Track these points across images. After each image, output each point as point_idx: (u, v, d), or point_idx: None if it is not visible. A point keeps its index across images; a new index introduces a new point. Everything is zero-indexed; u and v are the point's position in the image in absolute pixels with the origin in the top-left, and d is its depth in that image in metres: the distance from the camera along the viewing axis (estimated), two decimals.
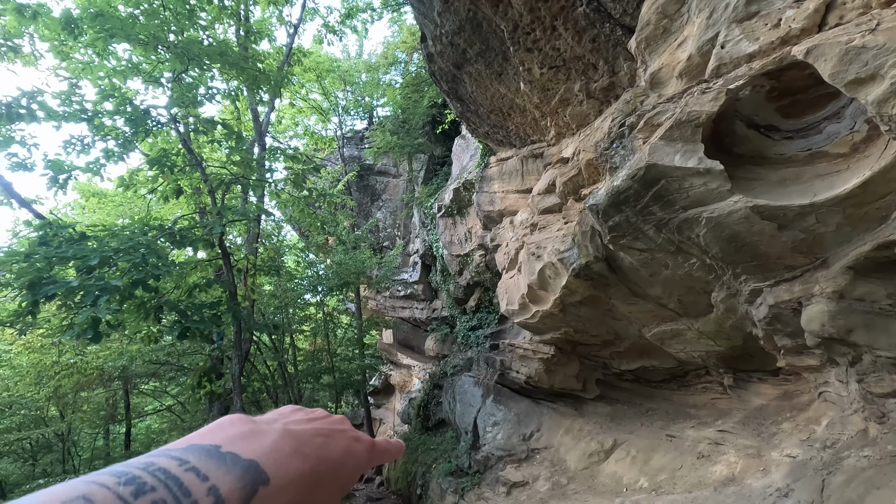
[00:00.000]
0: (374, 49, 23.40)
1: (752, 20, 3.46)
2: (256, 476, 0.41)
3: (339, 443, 0.54)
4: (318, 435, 0.52)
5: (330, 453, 0.52)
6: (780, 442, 4.85)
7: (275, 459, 0.44)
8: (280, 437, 0.47)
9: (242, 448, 0.43)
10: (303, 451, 0.48)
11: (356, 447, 0.57)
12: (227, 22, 9.49)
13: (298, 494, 0.46)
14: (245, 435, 0.45)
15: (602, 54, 5.64)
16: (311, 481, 0.47)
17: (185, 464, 0.38)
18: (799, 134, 3.48)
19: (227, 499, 0.37)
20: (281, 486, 0.43)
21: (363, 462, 0.58)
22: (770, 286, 4.12)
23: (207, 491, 0.37)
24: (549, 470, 7.27)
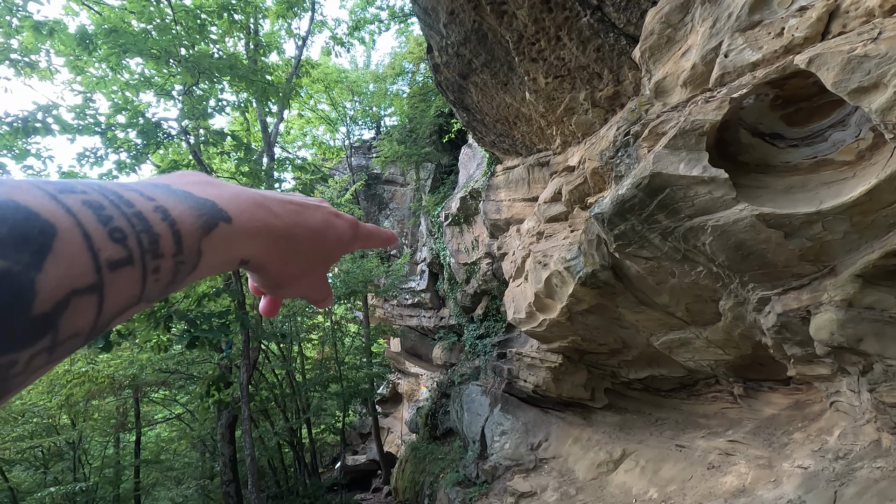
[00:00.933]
0: (381, 60, 23.69)
1: (756, 29, 3.48)
2: (215, 212, 0.36)
3: (315, 214, 0.49)
4: (291, 203, 0.47)
5: (306, 220, 0.47)
6: (792, 452, 4.78)
7: (237, 205, 0.39)
8: (244, 191, 0.42)
9: (197, 190, 0.37)
10: (271, 207, 0.43)
11: (337, 221, 0.52)
12: (237, 35, 9.67)
13: (270, 250, 0.42)
14: (201, 182, 0.40)
15: (607, 63, 5.67)
16: (283, 239, 0.44)
17: (126, 187, 0.33)
18: (804, 142, 3.47)
19: (180, 221, 0.33)
20: (246, 230, 0.39)
21: (346, 237, 0.53)
22: (778, 294, 4.09)
23: (154, 208, 0.32)
24: (558, 480, 7.21)
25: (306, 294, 0.52)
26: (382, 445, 15.69)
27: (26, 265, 0.24)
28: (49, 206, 0.26)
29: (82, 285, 0.27)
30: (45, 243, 0.25)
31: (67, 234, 0.26)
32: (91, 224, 0.28)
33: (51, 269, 0.25)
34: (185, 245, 0.33)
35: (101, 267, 0.27)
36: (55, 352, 0.27)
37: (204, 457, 15.51)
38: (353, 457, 18.00)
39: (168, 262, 0.32)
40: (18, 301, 0.24)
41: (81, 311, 0.27)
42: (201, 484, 13.83)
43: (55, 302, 0.25)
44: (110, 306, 0.29)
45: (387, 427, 17.66)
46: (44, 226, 0.25)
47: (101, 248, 0.28)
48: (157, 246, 0.31)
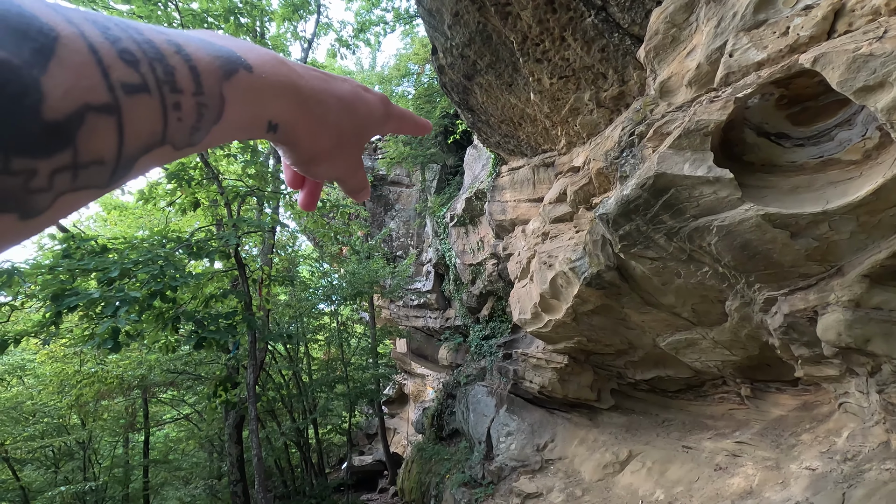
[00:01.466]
0: (386, 61, 23.81)
1: (761, 28, 3.46)
2: (233, 56, 0.34)
3: (342, 84, 0.46)
4: (315, 70, 0.44)
5: (333, 88, 0.44)
6: (800, 454, 4.75)
7: (256, 55, 0.36)
8: (266, 51, 0.39)
9: (215, 39, 0.35)
10: (294, 68, 0.40)
11: (366, 94, 0.49)
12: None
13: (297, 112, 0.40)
14: (220, 35, 0.37)
15: (611, 64, 5.66)
16: (311, 104, 0.41)
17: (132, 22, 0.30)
18: (810, 141, 3.46)
19: (196, 58, 0.30)
20: (269, 83, 0.36)
21: (378, 114, 0.50)
22: (784, 295, 4.07)
23: (167, 40, 0.29)
24: (564, 481, 7.19)
25: (341, 175, 0.49)
26: (389, 446, 15.72)
27: (27, 62, 0.22)
28: (48, 13, 0.24)
29: (96, 101, 0.25)
30: (46, 45, 0.23)
31: (71, 41, 0.24)
32: (97, 38, 0.25)
33: (57, 72, 0.23)
34: (204, 84, 0.30)
35: (113, 86, 0.25)
36: (79, 175, 0.25)
37: (212, 457, 15.63)
38: (360, 457, 18.04)
39: (189, 101, 0.29)
40: (24, 97, 0.22)
41: (100, 132, 0.25)
42: (209, 484, 13.94)
43: (68, 112, 0.24)
44: (132, 136, 0.27)
45: (393, 428, 17.70)
46: (43, 27, 0.23)
47: (111, 66, 0.25)
48: (174, 78, 0.28)
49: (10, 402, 12.06)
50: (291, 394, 13.59)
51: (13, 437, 11.51)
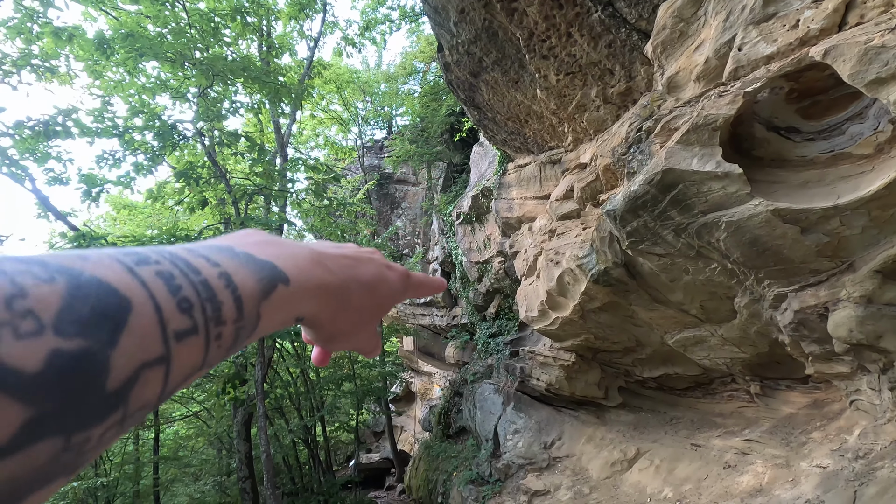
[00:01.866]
0: (392, 60, 23.80)
1: (770, 22, 3.42)
2: (274, 274, 0.37)
3: (368, 267, 0.50)
4: (346, 257, 0.48)
5: (359, 274, 0.48)
6: (810, 452, 4.70)
7: (294, 264, 0.40)
8: (301, 250, 0.43)
9: (257, 251, 0.39)
10: (326, 264, 0.44)
11: (389, 273, 0.53)
12: (250, 38, 9.79)
13: (324, 306, 0.43)
14: (261, 243, 0.41)
15: (618, 59, 5.62)
16: (337, 296, 0.44)
17: (194, 252, 0.34)
18: (821, 135, 3.42)
19: (242, 287, 0.34)
20: (302, 290, 0.40)
21: (398, 290, 0.54)
22: (795, 291, 4.03)
23: (219, 275, 0.33)
24: (571, 479, 7.18)
25: (357, 346, 0.53)
26: (396, 444, 15.76)
27: (104, 343, 0.25)
28: (126, 280, 0.28)
29: (151, 357, 0.28)
30: (121, 319, 0.26)
31: (141, 307, 0.27)
32: (162, 295, 0.29)
33: (125, 343, 0.26)
34: (245, 311, 0.34)
35: (168, 338, 0.28)
36: (125, 423, 0.28)
37: (221, 454, 15.76)
38: (367, 455, 18.12)
39: (229, 328, 0.33)
40: (95, 380, 0.25)
41: (150, 382, 0.28)
42: (218, 480, 14.05)
43: (126, 377, 0.26)
44: (176, 375, 0.30)
45: (400, 426, 17.75)
46: (121, 301, 0.27)
47: (170, 319, 0.29)
48: (220, 313, 0.32)
49: None
50: (299, 391, 13.66)
51: None
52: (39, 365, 0.23)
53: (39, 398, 0.22)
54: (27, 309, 0.23)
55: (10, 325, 0.22)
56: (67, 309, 0.24)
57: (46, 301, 0.24)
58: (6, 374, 0.22)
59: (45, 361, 0.23)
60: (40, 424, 0.23)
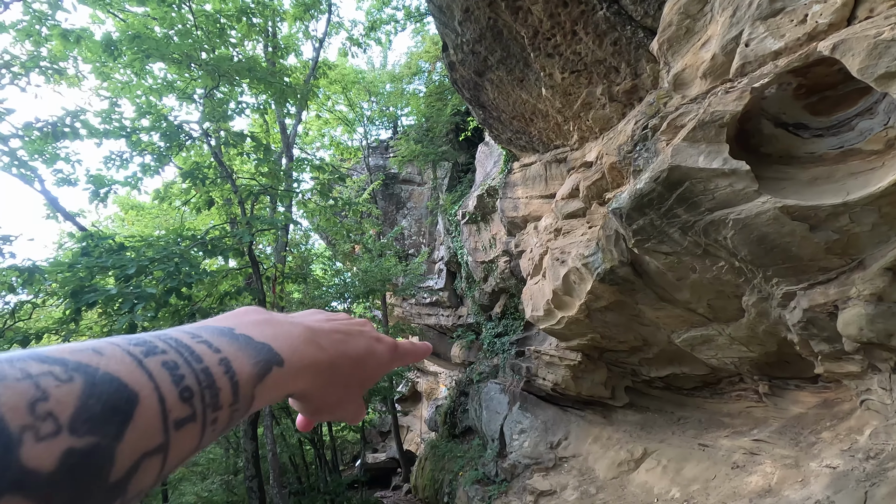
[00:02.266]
0: (397, 59, 23.82)
1: (777, 17, 3.39)
2: (270, 356, 0.40)
3: (358, 342, 0.53)
4: (337, 332, 0.51)
5: (349, 349, 0.51)
6: (820, 452, 4.65)
7: (289, 345, 0.43)
8: (295, 328, 0.46)
9: (255, 332, 0.41)
10: (319, 342, 0.47)
11: (377, 347, 0.56)
12: (256, 38, 9.83)
13: (314, 382, 0.45)
14: (259, 322, 0.43)
15: (624, 57, 5.59)
16: (327, 371, 0.47)
17: (197, 337, 0.36)
18: (830, 131, 3.37)
19: (239, 372, 0.36)
20: (296, 370, 0.42)
21: (385, 362, 0.57)
22: (804, 289, 3.98)
23: (219, 361, 0.35)
24: (578, 479, 7.15)
25: (342, 417, 0.55)
26: (402, 443, 15.77)
27: (111, 437, 0.26)
28: (135, 375, 0.29)
29: (152, 447, 0.29)
30: (128, 412, 0.28)
31: (146, 399, 0.29)
32: (166, 387, 0.30)
33: (130, 436, 0.27)
34: (241, 394, 0.36)
35: (168, 427, 0.30)
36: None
37: (228, 453, 15.84)
38: (374, 455, 18.14)
39: (225, 413, 0.35)
40: (100, 473, 0.26)
41: (149, 470, 0.29)
42: (225, 479, 14.13)
43: (128, 468, 0.27)
44: (172, 461, 0.31)
45: (406, 425, 17.75)
46: (130, 396, 0.28)
47: (172, 409, 0.30)
48: (218, 399, 0.34)
49: None
50: None
51: None
52: (54, 465, 0.24)
53: (50, 496, 0.24)
54: (47, 412, 0.25)
55: (33, 429, 0.24)
56: (83, 408, 0.26)
57: (65, 402, 0.26)
58: (26, 476, 0.23)
59: (59, 461, 0.24)
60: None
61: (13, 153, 6.53)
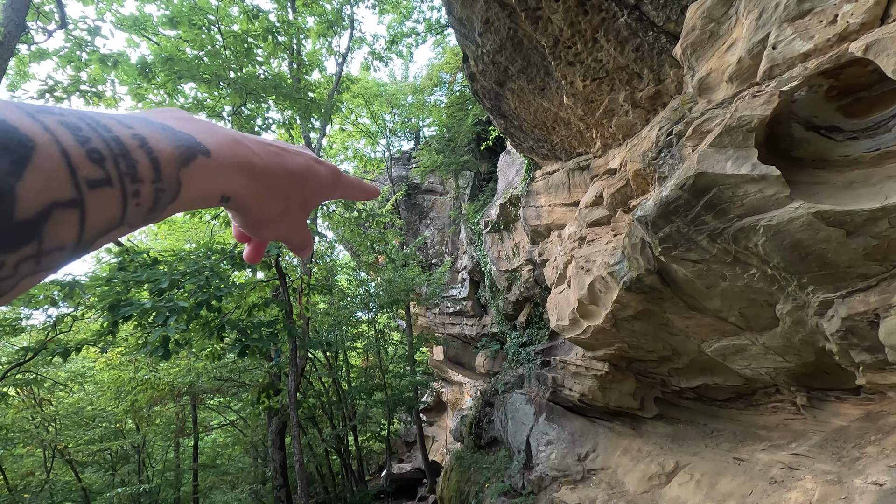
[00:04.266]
0: (419, 71, 24.12)
1: (806, 18, 3.31)
2: (193, 144, 0.37)
3: (296, 158, 0.49)
4: (271, 145, 0.48)
5: (286, 162, 0.47)
6: (865, 468, 4.43)
7: (216, 139, 0.40)
8: (222, 129, 0.43)
9: (175, 124, 0.38)
10: (250, 147, 0.44)
11: (318, 167, 0.52)
12: (282, 56, 10.12)
13: (249, 186, 0.43)
14: (181, 118, 0.40)
15: (646, 63, 5.53)
16: (263, 178, 0.44)
17: (104, 114, 0.34)
18: (865, 134, 3.26)
19: (157, 150, 0.34)
20: (225, 164, 0.39)
21: (327, 184, 0.53)
22: (842, 297, 3.83)
23: (132, 135, 0.33)
24: (607, 493, 6.98)
25: (286, 237, 0.53)
26: (427, 454, 15.71)
27: (5, 172, 0.26)
28: (27, 123, 0.28)
29: (63, 198, 0.28)
30: (24, 155, 0.27)
31: (45, 148, 0.28)
32: (69, 142, 0.29)
33: (30, 178, 0.27)
34: (163, 173, 0.34)
35: (79, 183, 0.29)
36: (41, 261, 0.29)
37: (256, 462, 16.08)
38: (399, 465, 18.12)
39: (148, 188, 0.33)
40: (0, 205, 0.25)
41: (64, 223, 0.29)
42: (254, 488, 14.33)
43: (37, 211, 0.27)
44: (92, 224, 0.30)
45: (431, 435, 17.69)
46: (22, 139, 0.27)
47: (79, 166, 0.29)
48: (136, 171, 0.32)
49: (72, 407, 12.83)
50: (331, 401, 13.82)
51: (75, 441, 12.22)
52: None
53: None
54: None
55: None
56: None
57: None
58: None
59: None
60: None
61: None
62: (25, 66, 8.57)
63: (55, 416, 12.39)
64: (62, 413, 12.54)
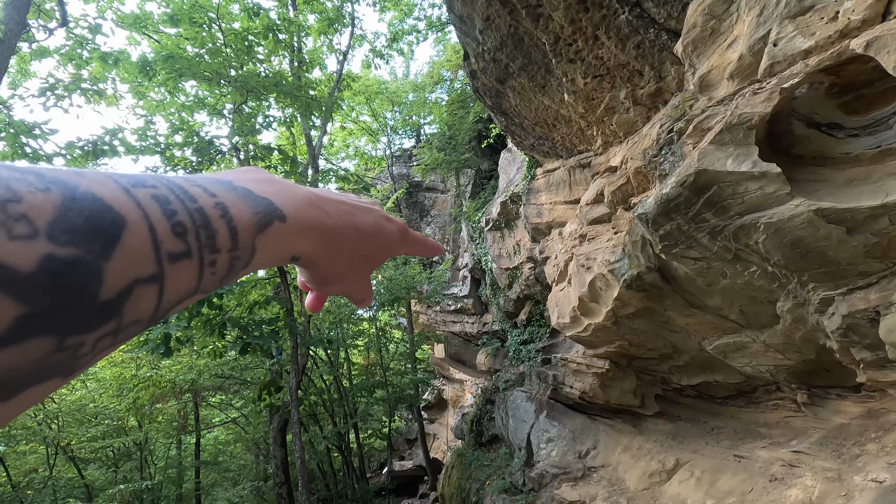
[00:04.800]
0: (420, 69, 24.06)
1: (807, 15, 3.30)
2: (271, 209, 0.38)
3: (367, 216, 0.51)
4: (344, 204, 0.49)
5: (357, 221, 0.49)
6: (865, 465, 4.43)
7: (292, 203, 0.41)
8: (299, 189, 0.44)
9: (256, 187, 0.39)
10: (324, 207, 0.45)
11: (387, 225, 0.54)
12: (282, 54, 10.11)
13: (320, 246, 0.44)
14: (260, 179, 0.41)
15: (647, 60, 5.52)
16: (333, 238, 0.45)
17: (192, 181, 0.34)
18: (866, 131, 3.25)
19: (237, 218, 0.35)
20: (299, 227, 0.41)
21: (394, 242, 0.55)
22: (842, 294, 3.83)
23: (215, 204, 0.34)
24: (608, 490, 6.99)
25: (349, 292, 0.54)
26: (429, 451, 15.75)
27: (97, 255, 0.26)
28: (122, 199, 0.28)
29: (145, 275, 0.28)
30: (115, 234, 0.27)
31: (135, 226, 0.28)
32: (157, 217, 0.30)
33: (118, 258, 0.27)
34: (240, 241, 0.35)
35: (161, 258, 0.29)
36: (119, 335, 0.29)
37: (258, 459, 16.12)
38: (400, 462, 18.17)
39: (224, 257, 0.34)
40: (87, 287, 0.25)
41: (144, 298, 0.29)
42: (256, 485, 14.36)
43: (120, 289, 0.27)
44: (170, 295, 0.31)
45: (433, 433, 17.73)
46: (115, 218, 0.27)
47: (164, 241, 0.29)
48: (214, 241, 0.33)
49: (74, 404, 12.87)
50: (332, 398, 13.85)
51: (78, 438, 12.26)
52: (33, 266, 0.24)
53: (33, 297, 0.24)
54: (21, 213, 0.24)
55: (5, 226, 0.23)
56: (61, 218, 0.25)
57: (41, 209, 0.25)
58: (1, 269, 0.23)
59: (39, 264, 0.24)
60: (34, 321, 0.24)
61: None
62: (27, 64, 8.58)
63: (58, 413, 12.44)
64: (65, 410, 12.58)
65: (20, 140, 6.19)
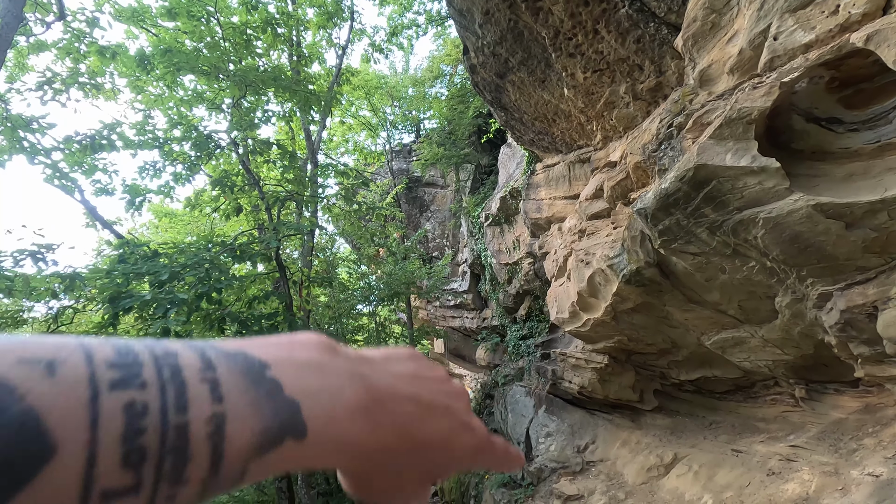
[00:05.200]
0: (419, 64, 23.96)
1: (807, 8, 3.28)
2: (289, 422, 0.29)
3: (438, 424, 0.38)
4: (413, 402, 0.37)
5: (420, 432, 0.37)
6: (862, 459, 4.45)
7: (328, 411, 0.31)
8: (352, 386, 0.33)
9: (293, 378, 0.31)
10: (375, 415, 0.34)
11: (462, 437, 0.40)
12: (281, 48, 10.07)
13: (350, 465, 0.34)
14: (310, 365, 0.33)
15: (647, 55, 5.50)
16: (376, 457, 0.34)
17: (210, 370, 0.28)
18: (865, 125, 3.24)
19: (232, 438, 0.27)
20: (321, 446, 0.31)
21: (465, 458, 0.41)
22: (841, 289, 3.83)
23: (210, 417, 0.26)
24: (606, 484, 7.02)
25: None
26: None
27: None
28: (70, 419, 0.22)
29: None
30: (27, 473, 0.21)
31: (68, 458, 0.22)
32: (109, 441, 0.23)
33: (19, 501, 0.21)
34: (224, 468, 0.27)
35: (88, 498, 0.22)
36: None
37: None
38: None
39: (191, 489, 0.26)
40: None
41: None
42: None
43: None
44: None
45: None
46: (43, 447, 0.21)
47: (103, 475, 0.23)
48: (182, 472, 0.25)
49: None
50: None
51: None
52: None
53: None
54: None
55: None
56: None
57: None
58: None
59: None
60: None
61: (55, 165, 6.86)
62: (24, 57, 8.55)
63: None
64: None
65: (18, 134, 6.18)
